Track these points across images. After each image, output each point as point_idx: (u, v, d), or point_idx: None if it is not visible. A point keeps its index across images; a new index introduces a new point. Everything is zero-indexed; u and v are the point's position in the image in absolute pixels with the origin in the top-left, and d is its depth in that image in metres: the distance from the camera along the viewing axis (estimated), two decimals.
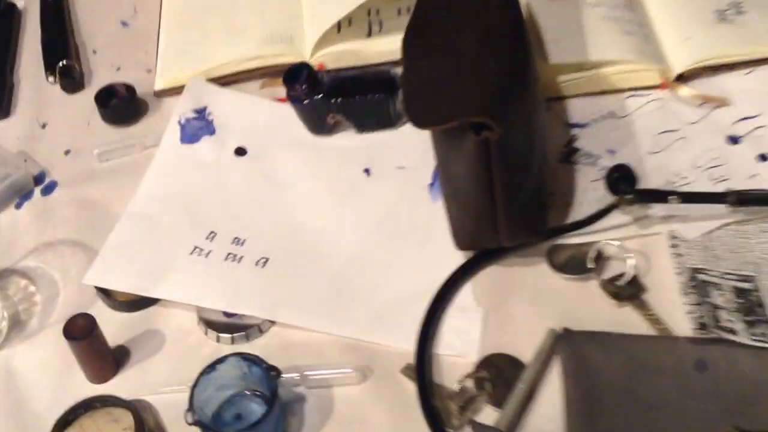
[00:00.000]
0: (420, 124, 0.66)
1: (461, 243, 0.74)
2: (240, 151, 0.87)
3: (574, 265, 0.75)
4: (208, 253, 0.78)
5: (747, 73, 0.86)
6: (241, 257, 0.78)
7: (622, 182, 0.74)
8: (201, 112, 0.89)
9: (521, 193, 0.69)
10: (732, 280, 0.71)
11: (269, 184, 0.84)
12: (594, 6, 0.89)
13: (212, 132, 0.88)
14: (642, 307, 0.72)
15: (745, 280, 0.71)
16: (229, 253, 0.78)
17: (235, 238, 0.79)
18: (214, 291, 0.75)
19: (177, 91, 0.92)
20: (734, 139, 0.81)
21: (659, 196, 0.74)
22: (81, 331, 0.66)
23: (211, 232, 0.80)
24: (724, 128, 0.82)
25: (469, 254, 0.76)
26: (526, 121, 0.69)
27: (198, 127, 0.88)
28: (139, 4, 1.06)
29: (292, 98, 0.84)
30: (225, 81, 0.93)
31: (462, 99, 0.64)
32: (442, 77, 0.67)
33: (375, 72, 0.86)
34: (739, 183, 0.77)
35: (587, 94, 0.87)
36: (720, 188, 0.77)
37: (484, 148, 0.63)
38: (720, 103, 0.84)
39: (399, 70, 0.82)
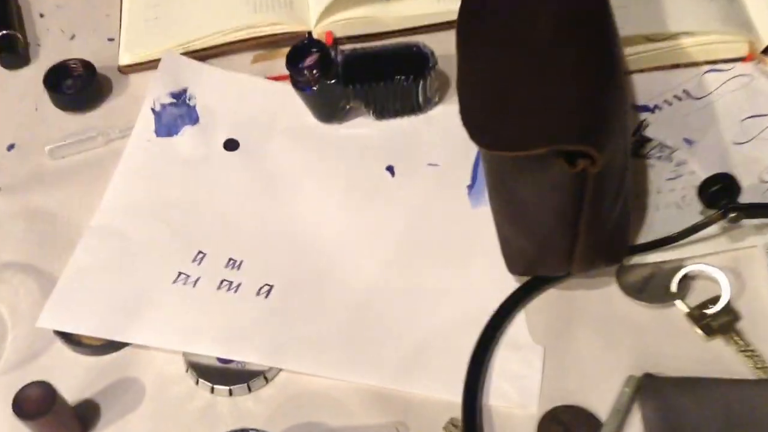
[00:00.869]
0: (491, 146, 0.52)
1: (517, 268, 0.62)
2: (231, 145, 0.73)
3: (653, 288, 0.63)
4: (196, 281, 0.65)
5: None
6: (238, 285, 0.65)
7: (724, 196, 0.61)
8: (180, 96, 0.76)
9: (608, 223, 0.56)
10: None
11: (269, 186, 0.70)
12: None
13: (195, 121, 0.75)
14: (737, 339, 0.60)
15: None
16: (222, 280, 0.65)
17: (230, 260, 0.66)
18: (204, 331, 0.62)
19: (148, 66, 0.79)
20: None
21: None
22: (36, 407, 0.52)
23: (199, 253, 0.66)
24: None
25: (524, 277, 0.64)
26: (623, 137, 0.56)
27: (177, 114, 0.75)
28: None
29: (299, 84, 0.70)
30: (208, 54, 0.79)
31: (548, 116, 0.51)
32: (514, 82, 0.54)
33: (400, 47, 0.72)
34: None
35: (656, 68, 0.74)
36: None
37: (580, 181, 0.51)
38: None
39: (428, 45, 0.71)
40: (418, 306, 0.63)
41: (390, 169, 0.70)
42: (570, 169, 0.49)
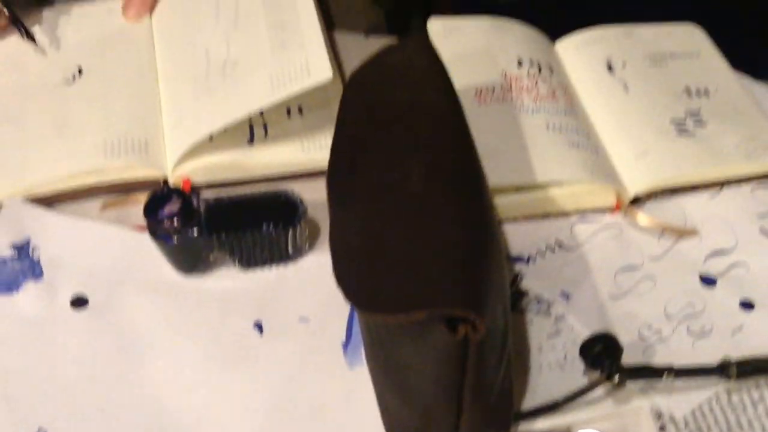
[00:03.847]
0: (368, 308, 0.50)
1: None
2: (78, 302, 0.68)
3: None
4: None
5: (713, 196, 0.77)
6: None
7: (607, 358, 0.61)
8: (22, 248, 0.70)
9: (493, 388, 0.55)
10: None
11: (121, 351, 0.66)
12: (532, 112, 0.77)
13: (38, 275, 0.69)
14: None
15: None
16: None
17: None
18: None
19: None
20: (709, 280, 0.72)
21: (654, 373, 0.62)
22: None
23: (40, 431, 0.60)
24: (695, 264, 0.73)
25: None
26: (502, 295, 0.55)
27: (18, 268, 0.69)
28: None
29: (157, 234, 0.67)
30: (55, 200, 0.74)
31: (425, 277, 0.50)
32: (388, 238, 0.53)
33: (267, 195, 0.70)
34: (725, 338, 0.68)
35: (528, 218, 0.75)
36: (702, 344, 0.68)
37: (462, 347, 0.49)
38: (684, 234, 0.75)
39: (296, 193, 0.70)
40: None
41: (258, 326, 0.68)
42: (450, 335, 0.48)
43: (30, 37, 0.82)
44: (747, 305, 0.70)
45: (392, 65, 0.64)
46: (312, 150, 0.76)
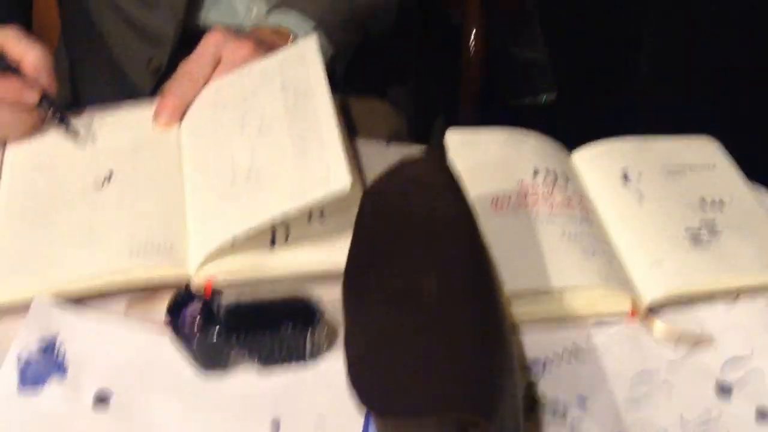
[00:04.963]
0: (377, 410, 0.54)
1: None
2: (101, 400, 0.71)
3: None
4: None
5: (728, 305, 0.79)
6: None
7: None
8: (49, 346, 0.73)
9: None
10: None
11: None
12: (548, 220, 0.81)
13: (63, 372, 0.72)
14: None
15: None
16: None
17: None
18: None
19: (13, 309, 0.76)
20: (725, 388, 0.74)
21: None
22: None
23: None
24: (711, 372, 0.75)
25: None
26: (515, 402, 0.58)
27: (44, 365, 0.72)
28: None
29: (180, 334, 0.71)
30: (81, 297, 0.78)
31: (438, 380, 0.53)
32: (402, 342, 0.57)
33: (286, 296, 0.74)
34: None
35: (544, 322, 0.78)
36: None
37: None
38: (699, 342, 0.77)
39: (314, 296, 0.73)
40: None
41: (276, 423, 0.69)
42: None
43: (73, 131, 0.88)
44: (763, 415, 0.71)
45: (409, 177, 0.69)
46: (332, 253, 0.79)
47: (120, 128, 0.92)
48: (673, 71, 1.52)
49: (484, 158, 0.88)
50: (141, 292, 0.79)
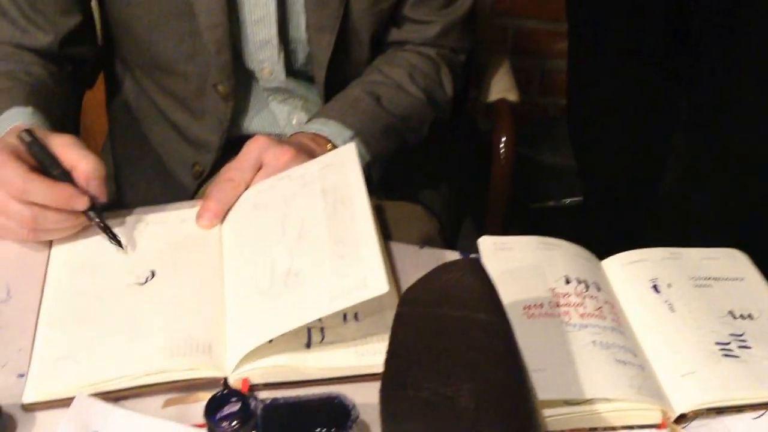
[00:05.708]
0: None
1: None
2: None
3: None
4: None
5: (757, 416, 0.80)
6: None
7: None
8: None
9: None
10: None
11: None
12: (579, 328, 0.83)
13: None
14: None
15: None
16: None
17: None
18: None
19: (55, 404, 0.78)
20: None
21: None
22: None
23: None
24: None
25: None
26: None
27: None
28: (14, 284, 0.91)
29: None
30: (119, 396, 0.80)
31: None
32: None
33: (321, 398, 0.76)
34: None
35: (575, 431, 0.79)
36: None
37: None
38: None
39: (349, 398, 0.75)
40: None
41: None
42: None
43: (117, 242, 0.91)
44: None
45: (445, 284, 0.71)
46: (366, 355, 0.82)
47: (163, 228, 0.95)
48: (699, 185, 1.54)
49: (516, 264, 0.90)
50: (177, 392, 0.81)
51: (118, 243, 0.92)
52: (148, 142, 1.25)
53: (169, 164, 1.23)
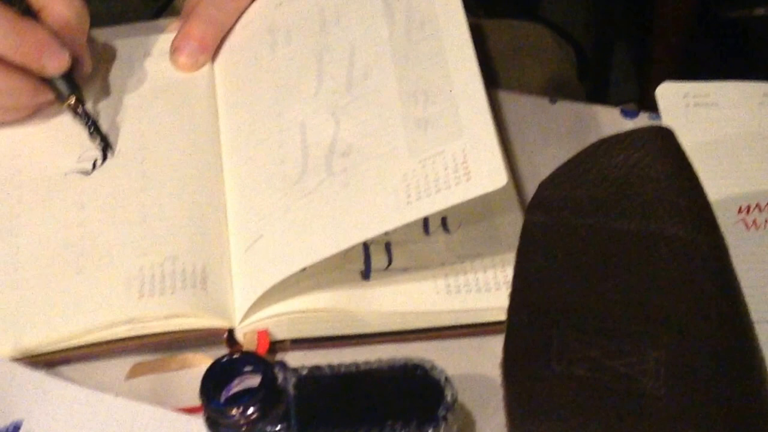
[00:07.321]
0: None
1: None
2: None
3: None
4: None
5: None
6: None
7: None
8: None
9: None
10: None
11: None
12: None
13: None
14: None
15: None
16: None
17: None
18: None
19: None
20: None
21: None
22: None
23: None
24: None
25: None
26: None
27: None
28: None
29: (220, 428, 0.69)
30: (62, 360, 0.78)
31: None
32: None
33: (392, 366, 0.72)
34: None
35: None
36: None
37: None
38: None
39: (438, 367, 0.72)
40: None
41: None
42: None
43: (106, 144, 0.88)
44: None
45: (609, 173, 0.69)
46: (462, 290, 0.78)
47: (116, 70, 0.93)
48: None
49: (725, 133, 0.87)
50: (151, 352, 0.79)
51: (108, 146, 0.88)
52: None
53: None
